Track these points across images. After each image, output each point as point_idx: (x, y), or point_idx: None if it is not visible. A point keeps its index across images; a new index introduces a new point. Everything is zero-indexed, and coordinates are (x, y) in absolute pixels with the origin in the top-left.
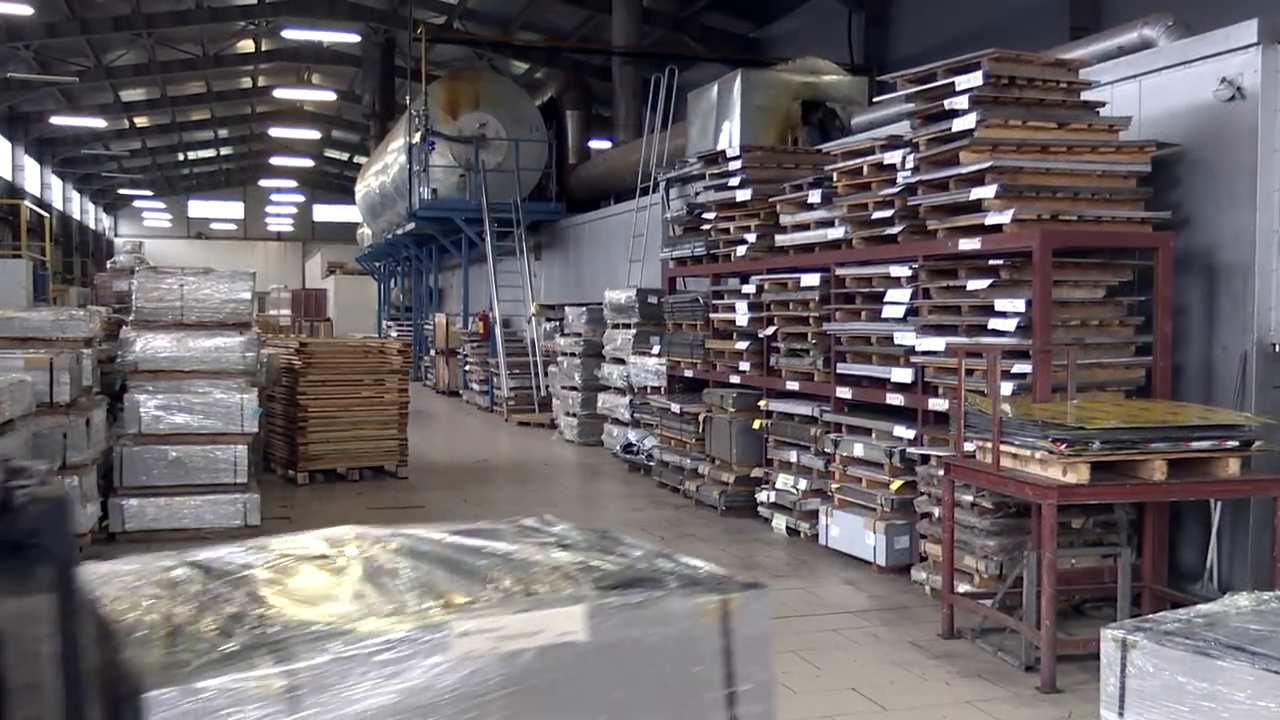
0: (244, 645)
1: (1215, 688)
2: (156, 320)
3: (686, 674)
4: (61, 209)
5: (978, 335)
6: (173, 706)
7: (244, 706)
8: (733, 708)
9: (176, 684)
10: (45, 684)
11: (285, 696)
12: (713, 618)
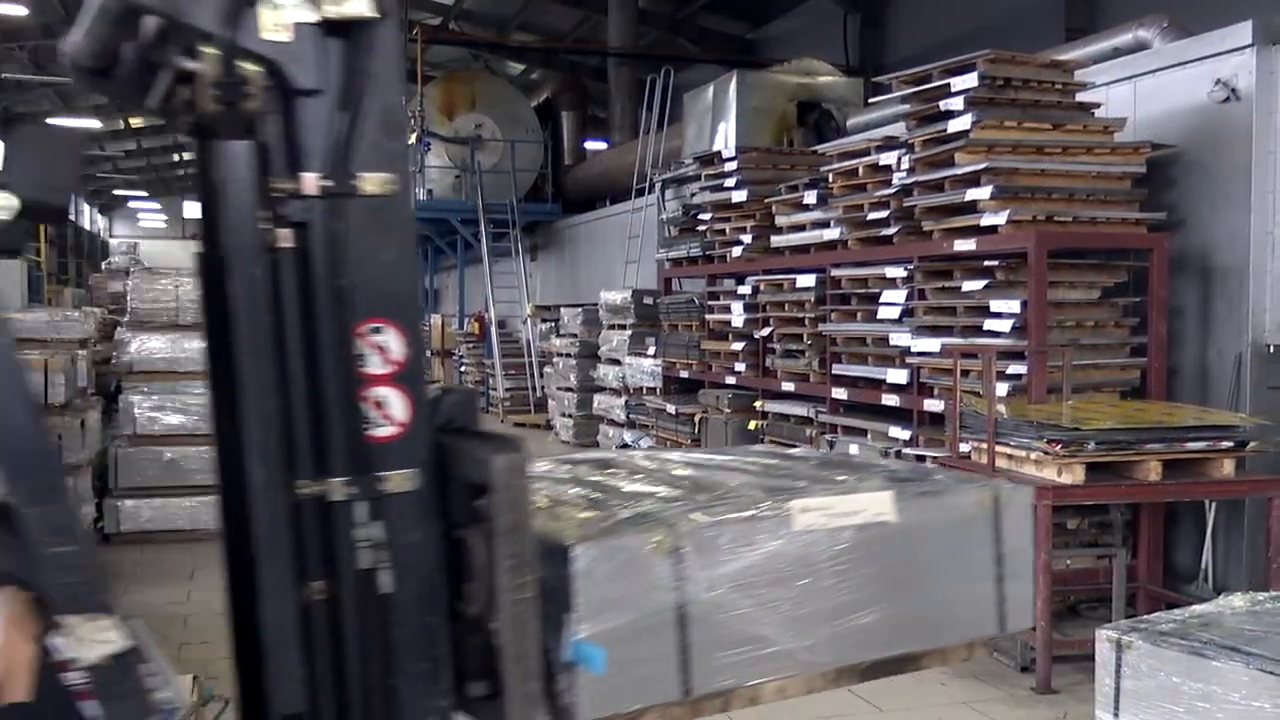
0: (636, 516)
1: (1210, 688)
2: (151, 321)
3: (966, 550)
4: None
5: (973, 336)
6: (593, 559)
7: (643, 560)
8: (1001, 581)
9: (595, 540)
10: (525, 527)
11: (672, 554)
12: (987, 505)
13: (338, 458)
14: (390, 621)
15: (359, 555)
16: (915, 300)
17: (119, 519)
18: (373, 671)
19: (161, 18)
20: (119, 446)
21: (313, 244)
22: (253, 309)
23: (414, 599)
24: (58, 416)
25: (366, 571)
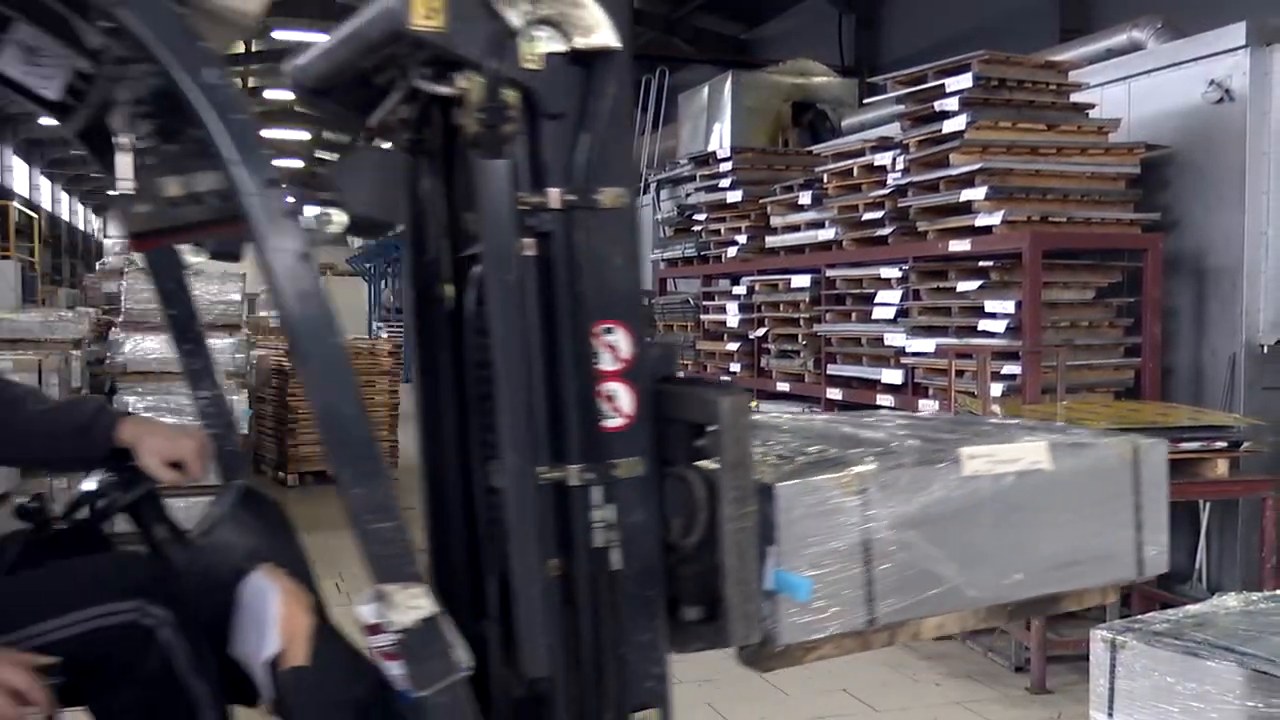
0: (825, 460)
1: (1204, 688)
2: (146, 321)
3: (1109, 497)
4: (50, 210)
5: (968, 336)
6: (793, 496)
7: (834, 499)
8: (1139, 528)
9: (793, 480)
10: (748, 463)
11: (859, 494)
12: (1128, 457)
13: (574, 446)
14: (617, 595)
15: (593, 535)
16: (910, 301)
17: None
18: (603, 641)
19: (434, 50)
20: None
21: (554, 252)
22: (506, 312)
23: (638, 574)
24: None
25: (599, 550)
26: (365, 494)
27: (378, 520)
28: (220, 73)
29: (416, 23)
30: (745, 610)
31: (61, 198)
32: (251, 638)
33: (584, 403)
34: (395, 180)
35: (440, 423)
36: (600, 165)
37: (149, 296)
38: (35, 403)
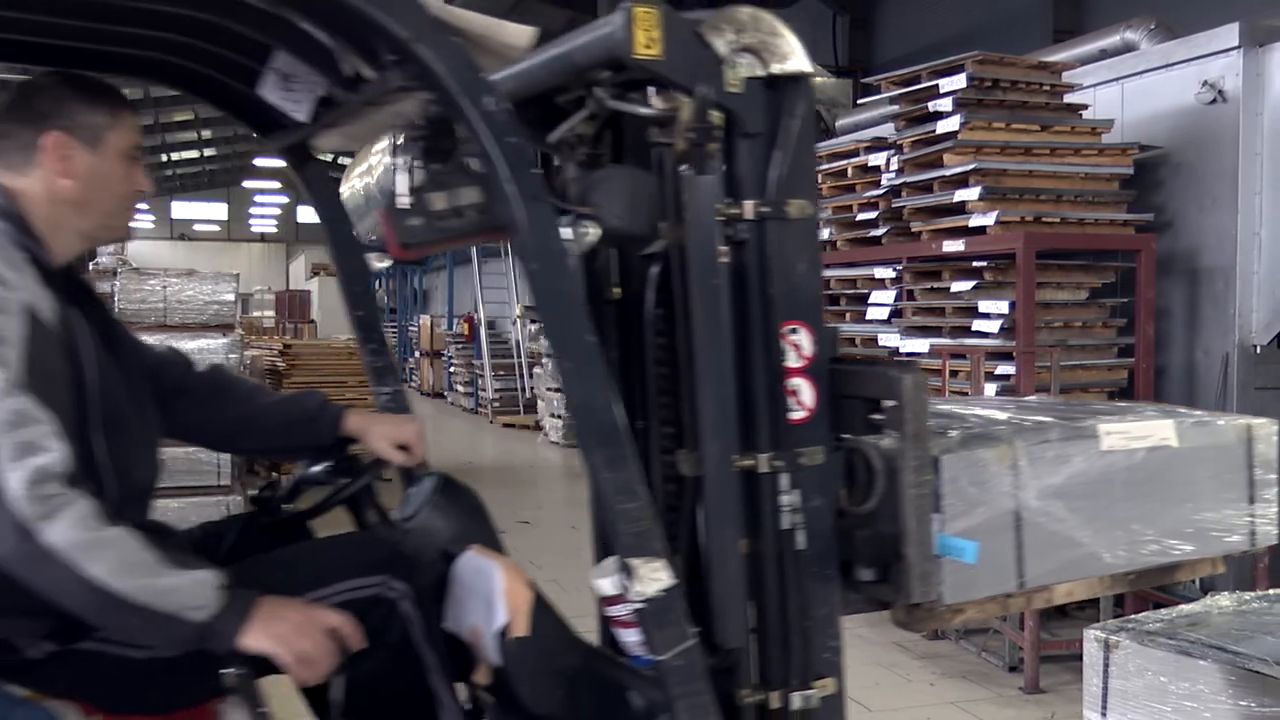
0: (973, 435)
1: (1197, 688)
2: (139, 322)
3: (1226, 473)
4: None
5: (961, 337)
6: (956, 467)
7: (991, 470)
8: (1252, 502)
9: (956, 452)
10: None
11: (1011, 466)
12: (1242, 435)
13: (764, 436)
14: (801, 572)
15: (781, 518)
16: (904, 301)
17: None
18: (789, 615)
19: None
20: None
21: (747, 259)
22: (709, 314)
23: (818, 553)
24: None
25: (786, 531)
26: (615, 477)
27: (626, 501)
28: (496, 100)
29: (638, 52)
30: (924, 570)
31: None
32: (477, 611)
33: (773, 396)
34: (645, 196)
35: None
36: (789, 179)
37: (142, 296)
38: (265, 395)
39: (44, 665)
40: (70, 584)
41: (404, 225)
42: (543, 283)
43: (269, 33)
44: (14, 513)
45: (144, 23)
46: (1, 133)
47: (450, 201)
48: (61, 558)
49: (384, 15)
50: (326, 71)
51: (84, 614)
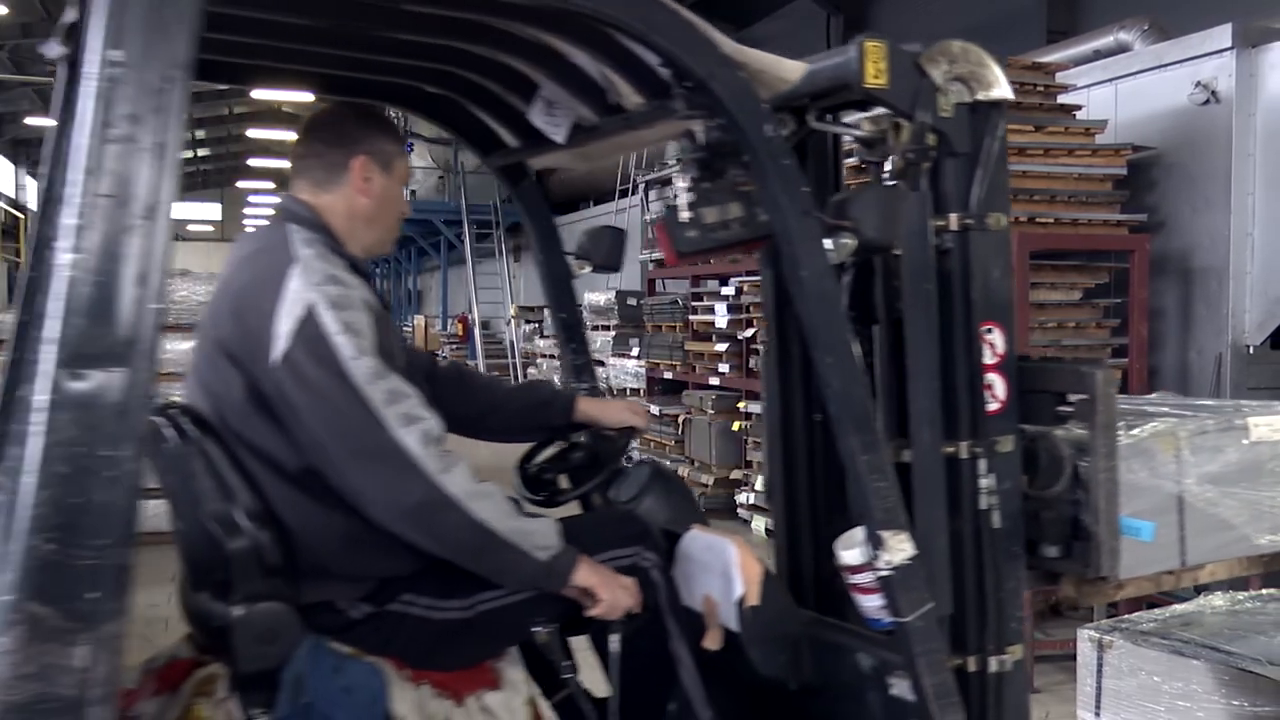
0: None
1: (1190, 687)
2: None
3: None
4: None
5: None
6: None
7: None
8: None
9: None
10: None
11: (1175, 454)
12: None
13: (965, 426)
14: (996, 549)
15: (979, 499)
16: None
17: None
18: (985, 588)
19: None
20: None
21: (950, 266)
22: (922, 316)
23: (1009, 531)
24: None
25: (983, 512)
26: (869, 459)
27: (878, 480)
28: (774, 127)
29: (868, 81)
30: (1111, 547)
31: None
32: (711, 583)
33: (973, 390)
34: (896, 210)
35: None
36: (988, 194)
37: None
38: (502, 384)
39: (361, 625)
40: (463, 526)
41: (681, 235)
42: (809, 288)
43: (545, 66)
44: (421, 468)
45: (422, 57)
46: (312, 152)
47: (720, 215)
48: (459, 504)
49: (684, 54)
50: (589, 100)
51: (464, 552)
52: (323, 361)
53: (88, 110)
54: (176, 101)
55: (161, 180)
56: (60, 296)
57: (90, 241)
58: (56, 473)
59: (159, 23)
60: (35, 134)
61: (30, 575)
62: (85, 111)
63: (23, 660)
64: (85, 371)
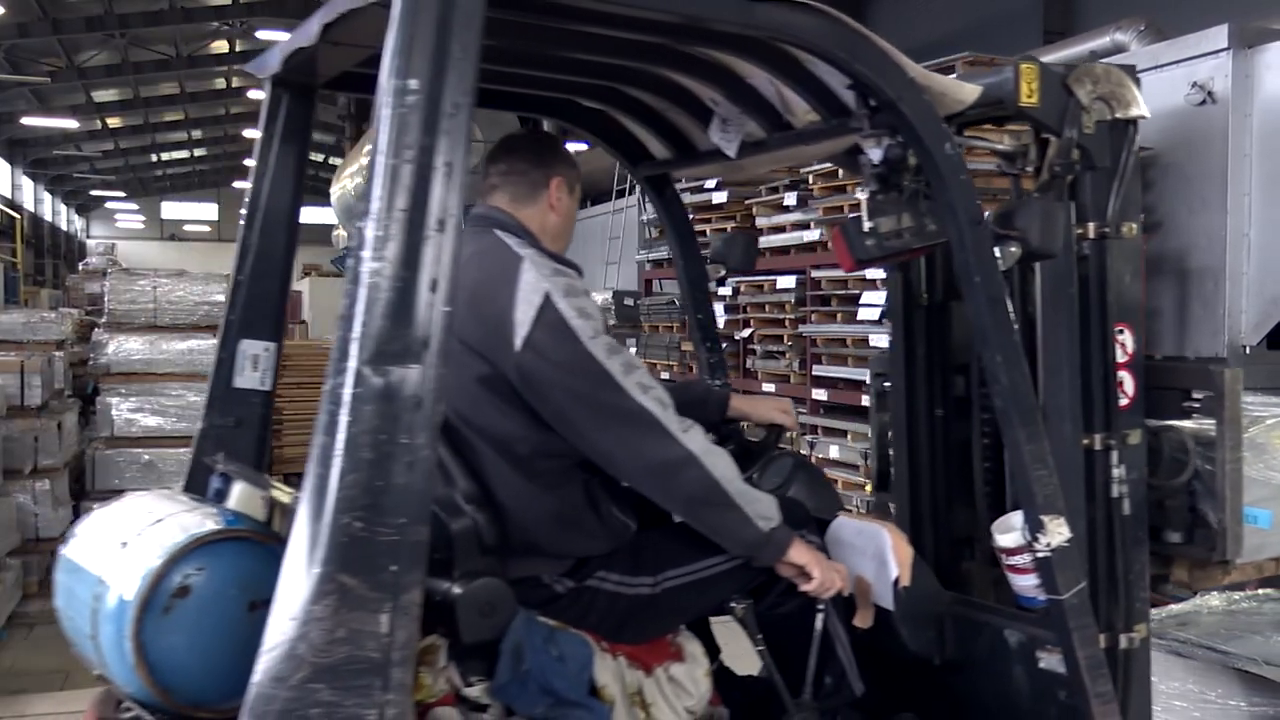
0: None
1: (1187, 687)
2: (129, 322)
3: None
4: (33, 210)
5: None
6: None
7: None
8: None
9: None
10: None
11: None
12: None
13: (1098, 419)
14: (1125, 534)
15: (1111, 488)
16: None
17: None
18: (1115, 571)
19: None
20: (96, 449)
21: (1088, 272)
22: (1066, 318)
23: (1136, 518)
24: (33, 419)
25: (1115, 499)
26: (1033, 449)
27: (1040, 469)
28: (952, 145)
29: (1022, 101)
30: (1235, 532)
31: (44, 198)
32: (864, 566)
33: (1107, 386)
34: (1057, 221)
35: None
36: (1123, 205)
37: (132, 297)
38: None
39: (563, 599)
40: (700, 481)
41: (860, 243)
42: (982, 292)
43: (723, 86)
44: (665, 428)
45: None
46: (515, 170)
47: (895, 225)
48: (698, 460)
49: (877, 78)
50: (761, 117)
51: (696, 506)
52: (565, 342)
53: (385, 134)
54: (464, 125)
55: (450, 195)
56: (363, 300)
57: (390, 251)
58: (362, 458)
59: (448, 56)
60: (31, 134)
61: (340, 550)
62: (383, 135)
63: (334, 626)
64: (386, 367)
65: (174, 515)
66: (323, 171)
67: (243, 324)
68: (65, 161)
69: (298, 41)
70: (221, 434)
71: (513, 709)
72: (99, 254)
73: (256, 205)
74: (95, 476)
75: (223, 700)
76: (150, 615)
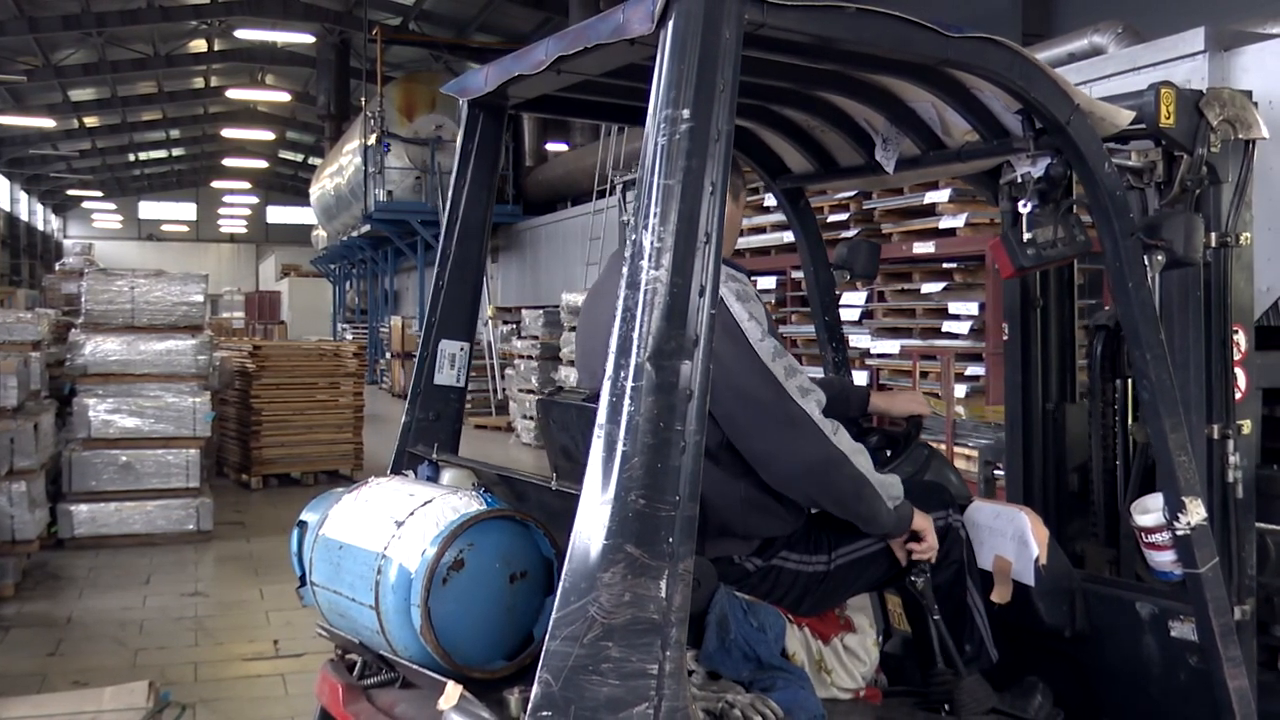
0: None
1: None
2: (106, 323)
3: None
4: (9, 210)
5: (932, 338)
6: None
7: None
8: None
9: None
10: None
11: None
12: None
13: (1217, 410)
14: (1240, 515)
15: (1228, 473)
16: (874, 302)
17: (73, 524)
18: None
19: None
20: (73, 450)
21: (1209, 277)
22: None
23: (1248, 504)
24: (9, 420)
25: (1230, 484)
26: (1174, 437)
27: (1181, 455)
28: (1109, 164)
29: (1162, 122)
30: None
31: (20, 197)
32: (1004, 546)
33: (1225, 381)
34: (1197, 231)
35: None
36: (1239, 216)
37: (110, 297)
38: None
39: (752, 575)
40: (849, 476)
41: (1021, 252)
42: (1134, 297)
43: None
44: (821, 431)
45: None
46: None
47: (1050, 235)
48: (848, 459)
49: (1048, 103)
50: (918, 135)
51: (845, 500)
52: (736, 344)
53: (659, 157)
54: (726, 150)
55: (714, 213)
56: (643, 303)
57: (665, 260)
58: (644, 443)
59: (714, 88)
60: (7, 133)
61: (625, 523)
62: (656, 158)
63: (622, 591)
64: (663, 363)
65: (440, 497)
66: (302, 172)
67: (442, 325)
68: (42, 161)
69: (517, 68)
70: (423, 426)
71: (719, 673)
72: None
73: (455, 215)
74: (72, 478)
75: (486, 662)
76: (434, 586)
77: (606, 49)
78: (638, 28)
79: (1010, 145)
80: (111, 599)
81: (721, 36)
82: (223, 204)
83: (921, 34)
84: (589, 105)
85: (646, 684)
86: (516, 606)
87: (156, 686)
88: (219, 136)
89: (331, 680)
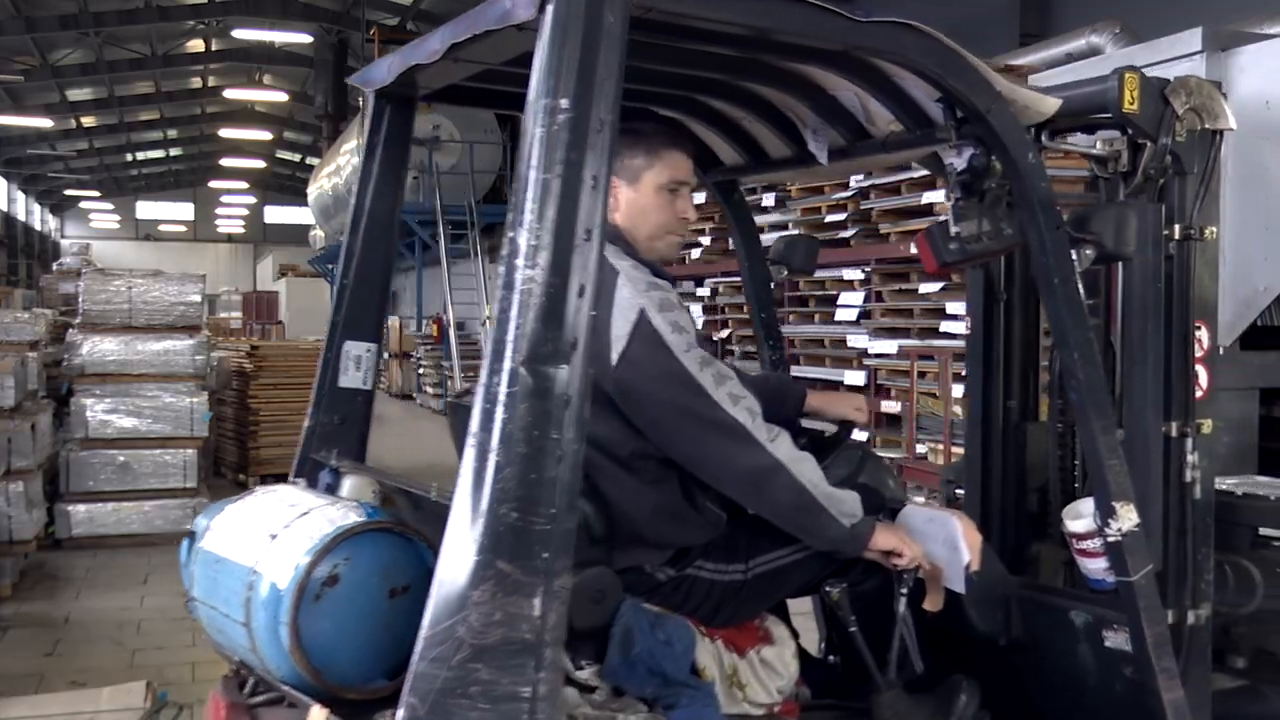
0: None
1: None
2: (104, 323)
3: None
4: (6, 210)
5: (929, 338)
6: None
7: None
8: None
9: None
10: None
11: None
12: None
13: (1176, 408)
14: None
15: (1185, 473)
16: (872, 302)
17: (71, 524)
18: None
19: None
20: (71, 450)
21: (1173, 271)
22: (1154, 313)
23: (1205, 505)
24: (7, 420)
25: (1188, 484)
26: (1106, 439)
27: (1111, 458)
28: (1034, 154)
29: (1125, 108)
30: None
31: (17, 197)
32: (937, 552)
33: (1184, 378)
34: (1129, 224)
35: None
36: (1205, 209)
37: (107, 297)
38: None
39: (664, 586)
40: (788, 487)
41: (945, 247)
42: (1060, 293)
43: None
44: (754, 438)
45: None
46: None
47: (976, 229)
48: (786, 467)
49: (968, 91)
50: (843, 126)
51: (785, 511)
52: (660, 356)
53: (536, 149)
54: (609, 141)
55: (596, 207)
56: (517, 304)
57: (542, 259)
58: (517, 452)
59: (595, 76)
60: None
61: (497, 538)
62: (534, 150)
63: (492, 610)
64: (538, 367)
65: (318, 509)
66: (300, 172)
67: (346, 326)
68: (39, 161)
69: (415, 58)
70: (327, 430)
71: (622, 690)
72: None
73: (360, 212)
74: (70, 478)
75: (364, 681)
76: (304, 602)
77: (497, 36)
78: (521, 13)
79: (934, 135)
80: (109, 599)
81: (605, 20)
82: (220, 204)
83: (827, 18)
84: (494, 95)
85: (518, 708)
86: (397, 623)
87: (154, 687)
88: (216, 136)
89: (218, 699)
